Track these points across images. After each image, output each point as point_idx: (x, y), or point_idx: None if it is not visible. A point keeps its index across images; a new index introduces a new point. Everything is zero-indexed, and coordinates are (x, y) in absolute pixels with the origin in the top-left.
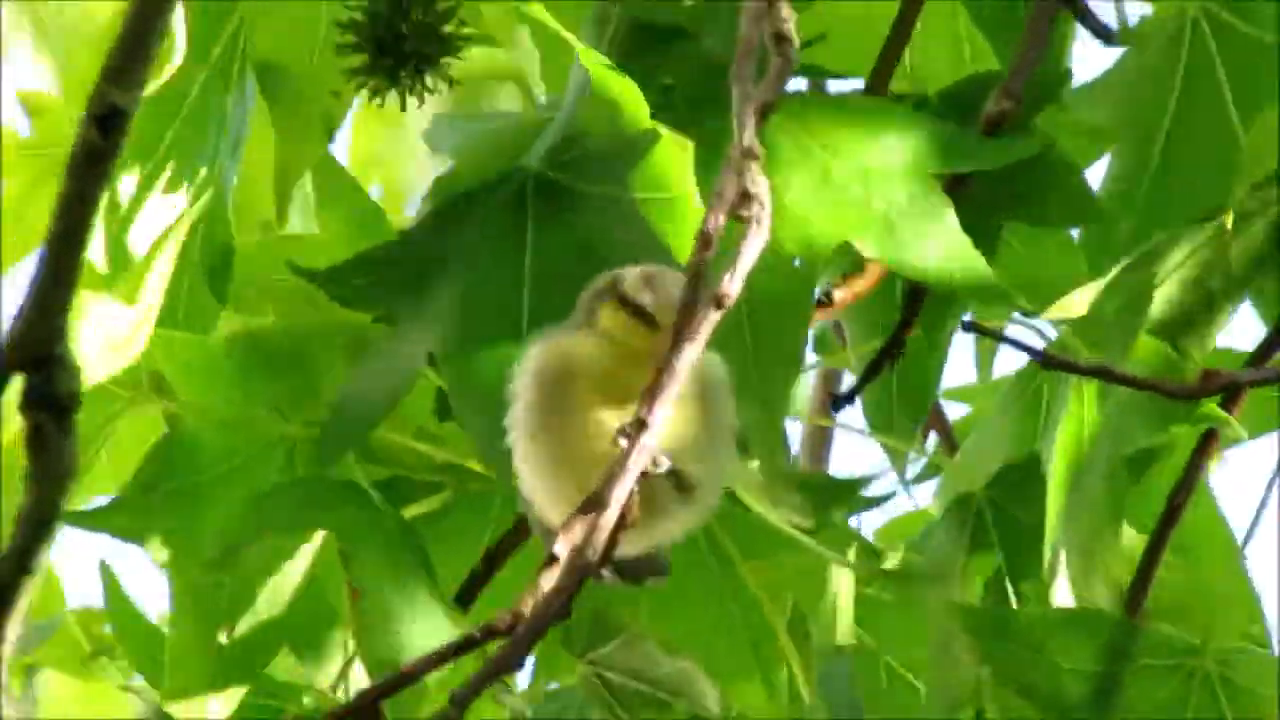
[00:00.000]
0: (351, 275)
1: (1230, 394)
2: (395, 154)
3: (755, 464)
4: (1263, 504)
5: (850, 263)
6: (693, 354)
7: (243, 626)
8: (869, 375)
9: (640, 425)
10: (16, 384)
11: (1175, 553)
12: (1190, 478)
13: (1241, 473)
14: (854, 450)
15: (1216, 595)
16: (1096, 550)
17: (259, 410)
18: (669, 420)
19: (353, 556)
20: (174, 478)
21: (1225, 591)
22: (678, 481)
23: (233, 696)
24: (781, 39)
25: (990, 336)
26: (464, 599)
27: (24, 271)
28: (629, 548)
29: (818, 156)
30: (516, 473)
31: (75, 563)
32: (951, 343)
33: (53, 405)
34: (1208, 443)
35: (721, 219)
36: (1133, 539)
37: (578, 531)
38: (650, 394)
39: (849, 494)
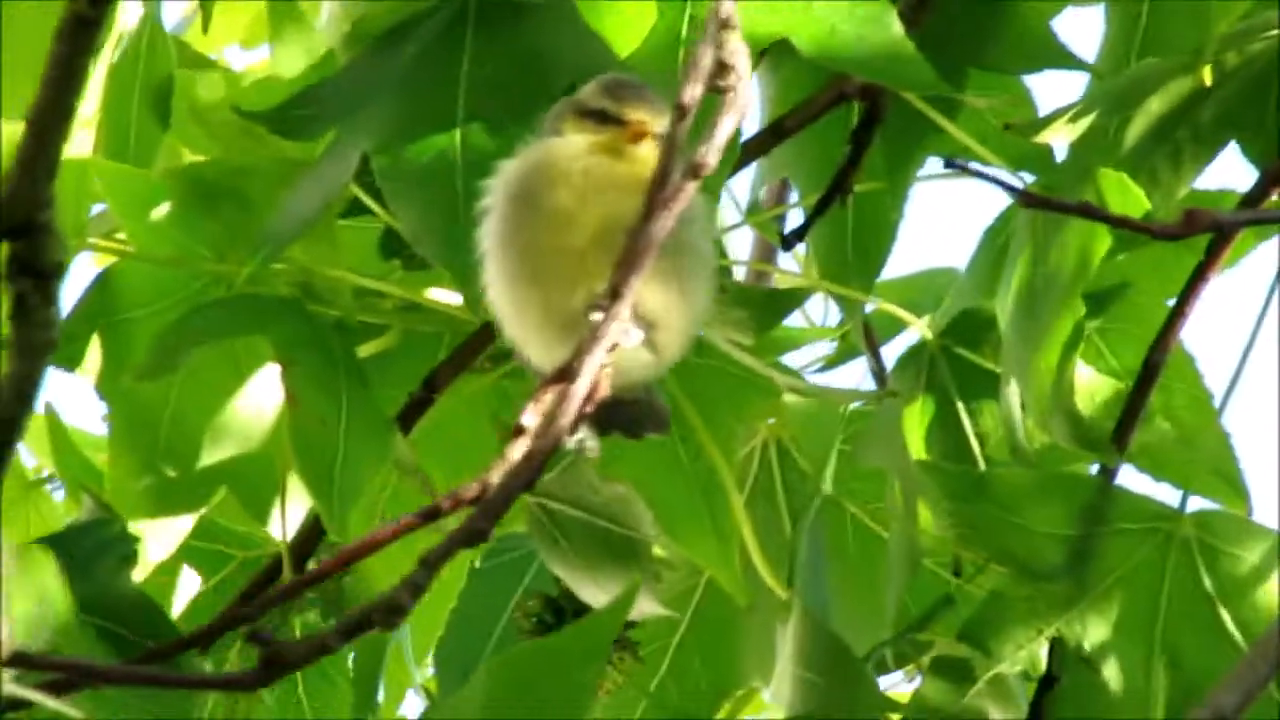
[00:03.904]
0: (295, 109)
1: (1218, 236)
2: None
3: None
4: (1244, 355)
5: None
6: (667, 223)
7: (182, 465)
8: (819, 210)
9: (614, 295)
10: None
11: (1155, 411)
12: (1168, 335)
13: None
14: None
15: (1195, 457)
16: (1053, 380)
17: (198, 247)
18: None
19: (290, 364)
20: (114, 312)
21: (1204, 455)
22: (645, 342)
23: (173, 537)
24: None
25: (969, 174)
26: (404, 423)
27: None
28: None
29: None
30: (486, 291)
31: None
32: (910, 193)
33: (37, 273)
34: (1186, 298)
35: (698, 89)
36: (1099, 383)
37: (547, 401)
38: (623, 263)
39: (789, 305)
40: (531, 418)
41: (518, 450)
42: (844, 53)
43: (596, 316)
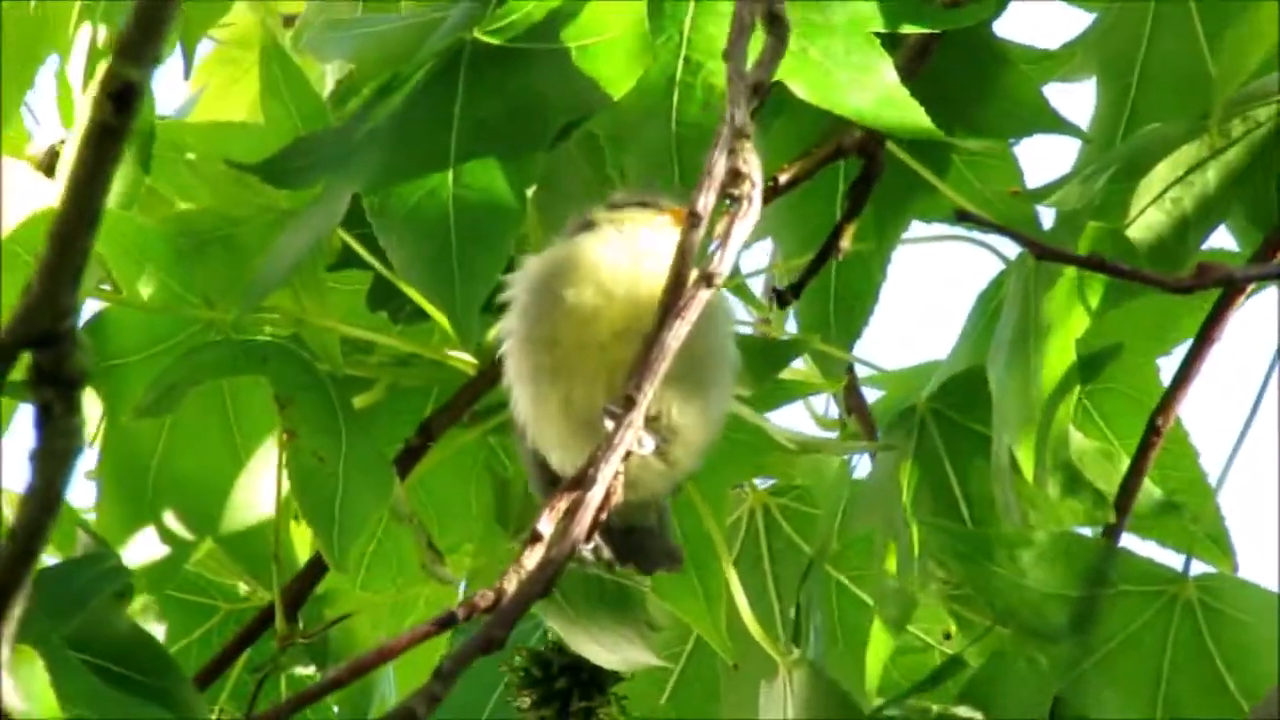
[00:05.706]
0: (288, 161)
1: (1227, 290)
2: None
3: None
4: (1246, 426)
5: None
6: (681, 331)
7: (171, 510)
8: (814, 269)
9: (628, 403)
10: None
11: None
12: (1173, 396)
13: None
14: None
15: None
16: (1043, 429)
17: (188, 294)
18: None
19: (288, 403)
20: (105, 357)
21: (1197, 528)
22: (659, 451)
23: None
24: (775, 19)
25: (979, 225)
26: (400, 469)
27: None
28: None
29: None
30: (509, 392)
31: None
32: (893, 255)
33: (60, 383)
34: (1192, 362)
35: (711, 197)
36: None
37: (562, 508)
38: (638, 370)
39: (789, 354)
40: (547, 525)
41: (533, 558)
42: (839, 97)
43: (609, 424)
